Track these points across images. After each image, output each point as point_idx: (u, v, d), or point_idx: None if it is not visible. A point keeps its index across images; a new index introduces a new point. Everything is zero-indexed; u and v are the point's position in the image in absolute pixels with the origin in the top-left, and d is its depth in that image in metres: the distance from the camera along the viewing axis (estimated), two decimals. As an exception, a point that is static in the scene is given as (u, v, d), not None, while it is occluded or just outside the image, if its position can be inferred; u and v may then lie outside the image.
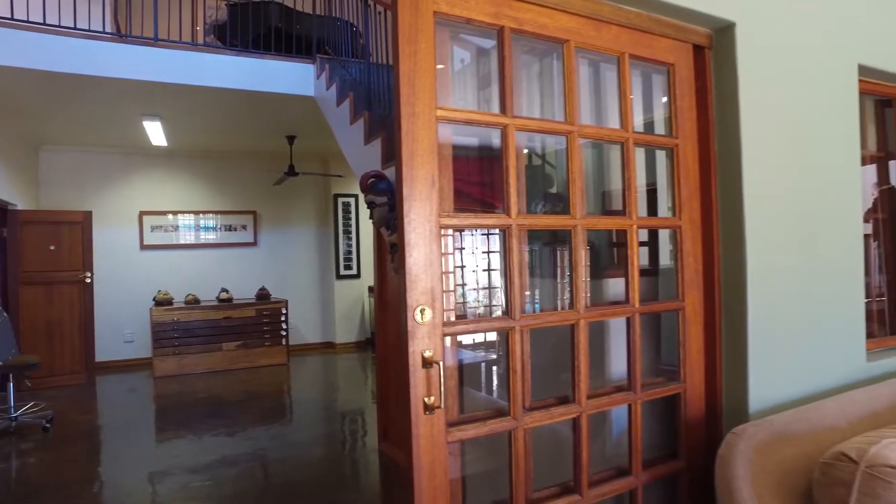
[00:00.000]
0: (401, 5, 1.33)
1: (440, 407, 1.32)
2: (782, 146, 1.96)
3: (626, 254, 1.72)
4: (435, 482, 1.34)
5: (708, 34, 1.90)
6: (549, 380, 1.87)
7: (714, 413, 1.89)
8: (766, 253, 1.89)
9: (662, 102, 1.95)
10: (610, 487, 1.69)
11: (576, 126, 1.57)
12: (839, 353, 2.14)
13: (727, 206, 1.86)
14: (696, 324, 1.85)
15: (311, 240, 8.32)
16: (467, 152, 2.12)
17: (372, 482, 3.52)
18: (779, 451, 1.63)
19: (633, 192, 1.69)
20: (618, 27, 1.69)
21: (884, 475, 1.35)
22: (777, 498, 1.57)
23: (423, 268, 1.35)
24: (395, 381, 3.71)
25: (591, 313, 1.61)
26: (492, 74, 1.82)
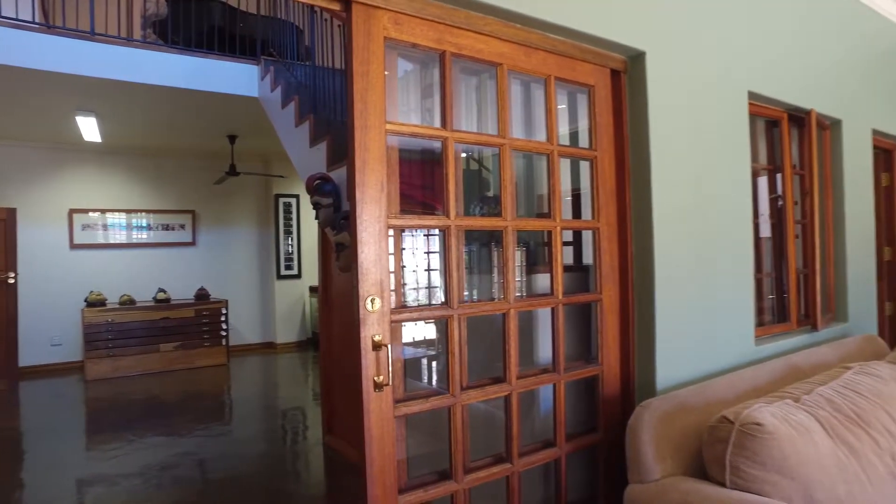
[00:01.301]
0: (355, 31, 1.50)
1: (388, 384, 1.51)
2: (685, 159, 2.25)
3: (551, 252, 1.96)
4: (384, 451, 1.53)
5: (623, 60, 2.17)
6: (486, 365, 2.08)
7: (628, 391, 2.16)
8: (672, 253, 2.18)
9: (585, 117, 2.21)
10: (537, 457, 1.93)
11: (507, 139, 1.80)
12: (732, 339, 2.47)
13: (639, 210, 2.14)
14: (613, 313, 2.11)
15: (251, 240, 8.27)
16: (411, 155, 2.31)
17: (316, 473, 3.64)
18: (678, 420, 1.90)
19: (558, 197, 1.93)
20: (545, 53, 1.93)
21: (751, 431, 1.65)
22: (675, 458, 1.84)
23: (373, 262, 1.53)
24: (340, 375, 3.85)
25: (520, 304, 1.83)
26: (434, 86, 2.02)
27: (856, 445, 1.89)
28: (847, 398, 2.08)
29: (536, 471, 2.02)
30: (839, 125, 3.34)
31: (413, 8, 1.62)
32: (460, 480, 1.71)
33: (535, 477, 2.07)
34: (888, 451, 1.94)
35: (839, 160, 3.34)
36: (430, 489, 1.67)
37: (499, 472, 1.81)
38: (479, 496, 1.85)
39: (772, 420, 1.72)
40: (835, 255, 3.35)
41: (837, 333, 3.23)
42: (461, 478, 1.71)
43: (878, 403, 2.10)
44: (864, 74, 3.59)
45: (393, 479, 1.56)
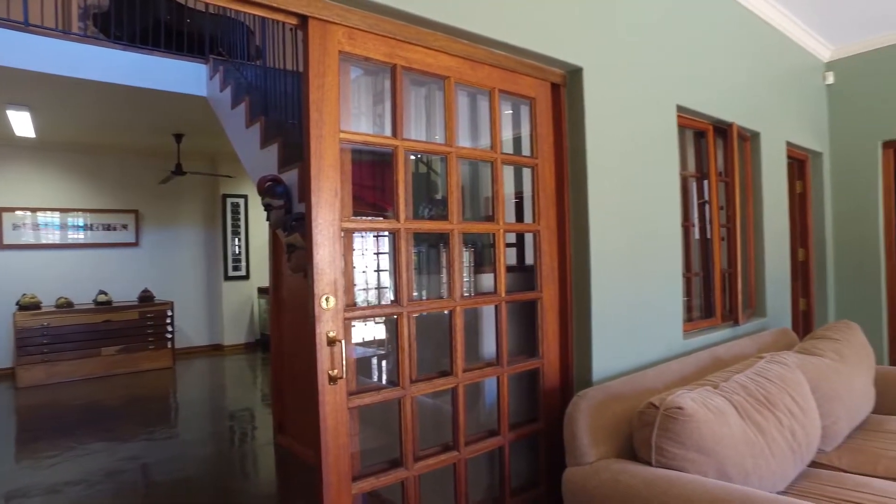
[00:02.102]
0: (311, 45, 1.59)
1: (342, 378, 1.60)
2: (619, 166, 2.44)
3: (495, 253, 2.10)
4: (339, 441, 1.62)
5: (562, 75, 2.33)
6: (435, 361, 2.20)
7: (567, 383, 2.32)
8: (607, 254, 2.36)
9: (528, 126, 2.36)
10: (483, 445, 2.06)
11: (454, 147, 1.92)
12: (663, 334, 2.68)
13: (576, 214, 2.30)
14: (552, 311, 2.27)
15: (198, 240, 8.11)
16: (362, 157, 2.41)
17: (267, 472, 3.67)
18: (611, 407, 2.07)
19: (501, 201, 2.08)
20: (490, 67, 2.07)
21: (673, 415, 1.83)
22: (608, 442, 2.01)
23: (328, 263, 1.63)
24: (292, 375, 3.89)
25: (465, 302, 1.97)
26: (386, 93, 2.12)
27: (763, 425, 2.11)
28: (758, 384, 2.31)
29: (482, 458, 2.15)
30: (758, 137, 3.64)
31: (366, 24, 1.72)
32: (410, 467, 1.83)
33: (481, 463, 2.20)
34: (788, 429, 2.18)
35: (758, 169, 3.64)
36: (382, 476, 1.77)
37: (446, 460, 1.94)
38: (428, 482, 1.97)
39: (692, 405, 1.91)
40: (755, 256, 3.64)
41: (757, 327, 3.52)
42: (411, 465, 1.83)
43: (784, 388, 2.34)
44: (778, 92, 3.92)
45: (347, 467, 1.65)
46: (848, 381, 2.78)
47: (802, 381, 2.49)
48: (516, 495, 2.20)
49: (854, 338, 3.14)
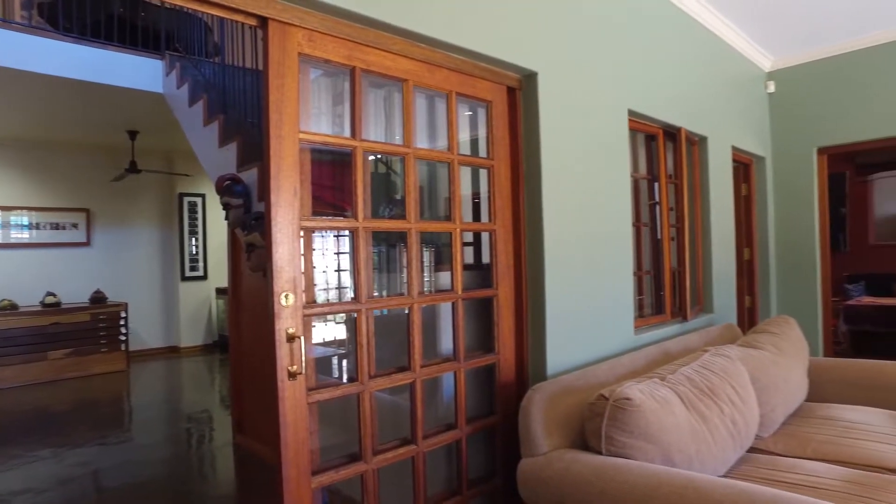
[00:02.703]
0: (271, 47, 1.62)
1: (302, 373, 1.63)
2: (573, 168, 2.54)
3: (452, 252, 2.16)
4: (298, 436, 1.65)
5: (518, 79, 2.41)
6: (395, 360, 2.24)
7: (522, 377, 2.40)
8: (561, 252, 2.44)
9: (485, 128, 2.43)
10: (440, 438, 2.12)
11: (412, 149, 1.97)
12: (614, 330, 2.79)
13: (531, 214, 2.39)
14: (508, 307, 2.35)
15: (153, 240, 7.92)
16: (322, 157, 2.43)
17: (226, 473, 3.64)
18: (564, 400, 2.16)
19: (458, 201, 2.14)
20: (448, 70, 2.12)
21: (622, 405, 1.92)
22: (561, 433, 2.09)
23: (287, 261, 1.65)
24: (251, 374, 3.87)
25: (423, 299, 2.02)
26: (345, 94, 2.16)
27: (706, 413, 2.23)
28: (702, 375, 2.44)
29: (440, 451, 2.21)
30: (705, 141, 3.81)
31: (326, 26, 1.76)
32: (369, 461, 1.87)
33: (439, 456, 2.25)
34: (729, 417, 2.31)
35: (706, 172, 3.81)
36: (342, 470, 1.81)
37: (405, 453, 1.99)
38: (387, 476, 2.01)
39: (639, 396, 2.01)
40: (702, 256, 3.81)
41: (704, 323, 3.69)
42: (370, 459, 1.87)
43: (726, 379, 2.48)
44: (724, 99, 4.11)
45: (306, 462, 1.68)
46: (785, 372, 2.96)
47: (743, 373, 2.63)
48: (474, 487, 2.27)
49: (791, 332, 3.33)
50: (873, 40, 4.38)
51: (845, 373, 3.30)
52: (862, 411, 2.92)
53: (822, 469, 2.28)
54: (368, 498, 1.90)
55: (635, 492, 1.73)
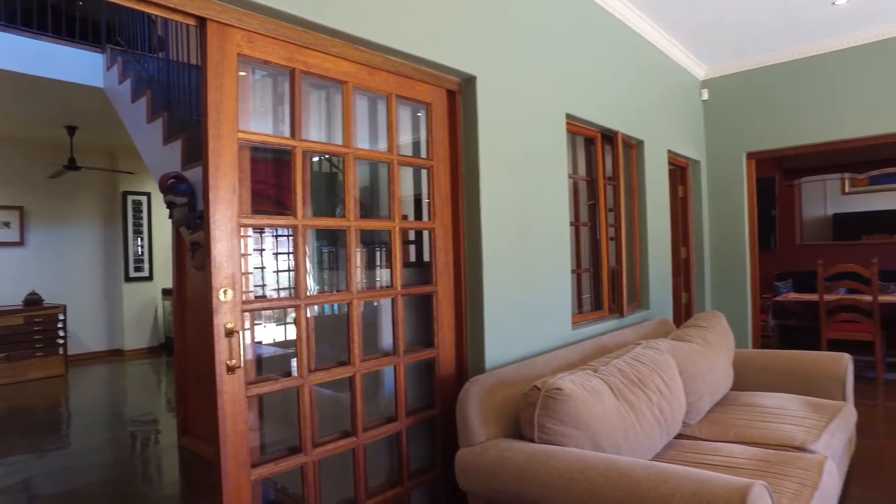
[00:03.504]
0: (209, 47, 1.65)
1: (240, 367, 1.67)
2: (511, 169, 2.64)
3: (392, 250, 2.23)
4: (237, 429, 1.68)
5: (458, 83, 2.50)
6: (340, 353, 2.29)
7: (462, 371, 2.49)
8: (499, 250, 2.54)
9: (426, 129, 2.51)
10: (381, 431, 2.18)
11: (351, 149, 2.03)
12: (552, 325, 2.91)
13: (470, 213, 2.48)
14: (447, 303, 2.43)
15: (95, 239, 7.65)
16: (267, 155, 2.46)
17: (171, 474, 3.59)
18: (500, 392, 2.25)
19: (397, 200, 2.21)
20: (387, 73, 2.19)
21: (553, 395, 2.03)
22: (497, 424, 2.18)
23: (226, 258, 1.69)
24: (197, 375, 3.83)
25: (362, 295, 2.08)
26: (286, 95, 2.19)
27: (634, 402, 2.37)
28: (633, 367, 2.58)
29: (381, 443, 2.27)
30: (642, 145, 4.00)
31: (265, 28, 1.79)
32: (309, 453, 1.91)
33: (380, 449, 2.32)
34: (657, 405, 2.46)
35: (642, 174, 4.00)
36: (281, 462, 1.85)
37: (345, 445, 2.04)
38: (329, 468, 2.06)
39: (570, 386, 2.12)
40: (640, 254, 4.00)
41: (640, 318, 3.87)
42: (310, 451, 1.92)
43: (655, 370, 2.63)
44: (661, 105, 4.32)
45: (245, 455, 1.72)
46: (711, 363, 3.15)
47: (672, 364, 2.80)
48: (414, 477, 2.34)
49: (719, 325, 3.54)
50: (797, 54, 4.68)
51: (766, 363, 3.53)
52: (779, 397, 3.14)
53: (739, 450, 2.45)
54: (309, 490, 1.94)
55: (563, 475, 1.83)
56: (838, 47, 4.52)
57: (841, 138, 4.54)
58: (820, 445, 2.50)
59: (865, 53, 4.43)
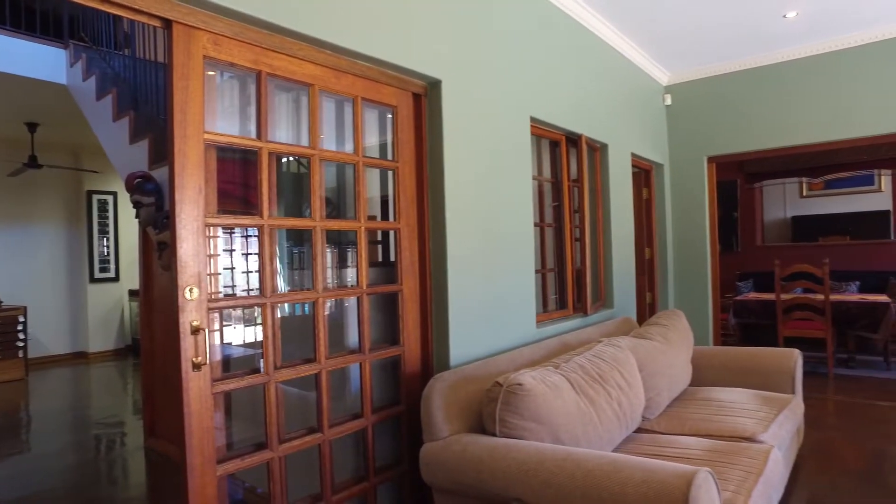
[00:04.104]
0: (175, 49, 1.67)
1: (206, 364, 1.70)
2: (475, 171, 2.71)
3: (358, 249, 2.27)
4: (203, 425, 1.71)
5: (424, 86, 2.55)
6: (305, 351, 2.32)
7: (427, 368, 2.54)
8: (464, 250, 2.61)
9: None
10: (346, 427, 2.22)
11: (318, 151, 2.07)
12: (516, 324, 2.98)
13: (435, 214, 2.53)
14: (413, 302, 2.48)
15: (59, 240, 7.48)
16: (235, 155, 2.47)
17: (138, 476, 3.56)
18: (464, 388, 2.31)
19: (363, 201, 2.25)
20: (353, 76, 2.23)
21: (514, 390, 2.10)
22: (461, 419, 2.25)
23: (192, 257, 1.71)
24: (164, 375, 3.80)
25: (327, 293, 2.12)
26: (253, 96, 2.22)
27: (594, 397, 2.46)
28: (594, 363, 2.67)
29: (348, 439, 2.31)
30: (606, 148, 4.11)
31: (232, 31, 1.82)
32: (275, 449, 1.95)
33: (347, 445, 2.36)
34: (616, 400, 2.55)
35: (606, 176, 4.11)
36: (247, 458, 1.88)
37: (311, 441, 2.08)
38: (295, 463, 2.09)
39: (531, 381, 2.20)
40: (604, 255, 4.11)
41: (604, 317, 3.98)
42: (276, 447, 1.95)
43: (615, 366, 2.72)
44: (625, 109, 4.45)
45: (211, 450, 1.74)
46: (670, 360, 3.26)
47: (631, 361, 2.90)
48: (380, 473, 2.39)
49: (679, 323, 3.67)
50: (754, 62, 4.87)
51: (724, 359, 3.67)
52: (734, 392, 3.28)
53: (693, 442, 2.56)
54: (275, 486, 1.97)
55: (523, 467, 1.90)
56: (790, 57, 4.71)
57: (793, 144, 4.74)
58: (768, 436, 2.62)
59: (814, 64, 4.63)
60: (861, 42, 4.43)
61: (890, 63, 4.33)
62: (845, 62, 4.51)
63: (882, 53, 4.37)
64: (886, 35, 4.32)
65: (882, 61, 4.37)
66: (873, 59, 4.40)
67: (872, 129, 4.41)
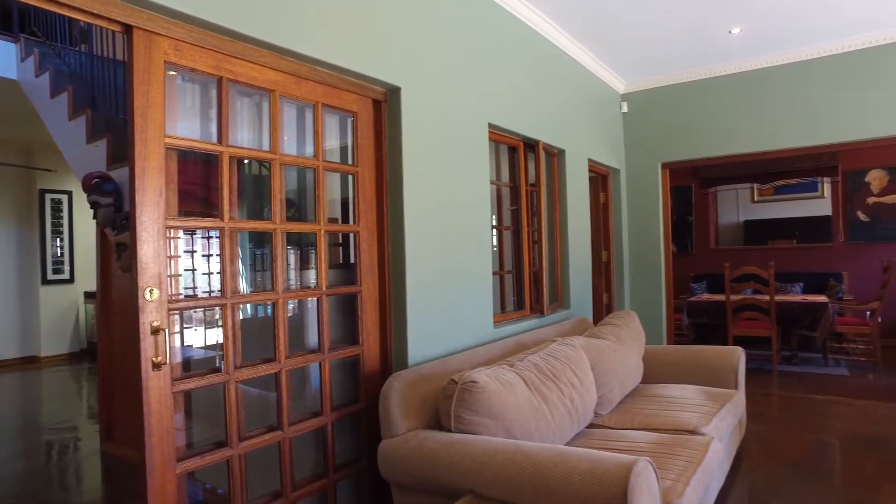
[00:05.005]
0: (135, 54, 1.70)
1: (166, 363, 1.73)
2: (434, 175, 2.79)
3: (318, 251, 2.33)
4: (163, 424, 1.74)
5: (383, 92, 2.62)
6: (267, 353, 2.36)
7: (385, 367, 2.61)
8: (422, 252, 2.68)
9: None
10: (306, 425, 2.27)
11: (278, 155, 2.12)
12: (474, 324, 3.08)
13: (394, 217, 2.61)
14: (372, 303, 2.55)
15: (8, 240, 7.25)
16: (197, 157, 2.49)
17: (93, 481, 3.52)
18: (421, 386, 2.39)
19: (323, 204, 2.31)
20: (314, 83, 2.29)
21: (469, 387, 2.19)
22: (418, 416, 2.32)
23: (152, 258, 1.74)
24: (123, 378, 3.76)
25: (287, 294, 2.17)
26: (214, 100, 2.25)
27: (547, 394, 2.57)
28: (547, 361, 2.78)
29: (308, 437, 2.36)
30: (563, 153, 4.25)
31: (193, 37, 1.86)
32: (235, 447, 1.98)
33: (307, 443, 2.40)
34: (568, 396, 2.67)
35: (563, 181, 4.25)
36: (207, 456, 1.91)
37: (271, 439, 2.12)
38: (255, 461, 2.13)
39: (485, 379, 2.28)
40: (560, 257, 4.25)
41: (561, 317, 4.12)
42: (236, 444, 1.99)
43: (568, 364, 2.84)
44: (583, 116, 4.60)
45: (171, 449, 1.77)
46: (622, 359, 3.41)
47: (584, 359, 3.02)
48: (340, 470, 2.44)
49: (631, 323, 3.83)
50: (704, 73, 5.09)
51: (674, 357, 3.84)
52: (682, 388, 3.44)
53: (641, 436, 2.70)
54: (235, 483, 2.01)
55: (476, 460, 1.99)
56: (738, 70, 4.96)
57: (741, 152, 4.98)
58: (710, 428, 2.78)
59: (759, 77, 4.89)
60: (798, 59, 4.70)
61: (823, 79, 4.61)
62: (785, 77, 4.77)
63: (816, 70, 4.64)
64: (821, 53, 4.60)
65: (816, 77, 4.64)
66: (809, 75, 4.67)
67: (809, 139, 4.68)
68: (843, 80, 4.55)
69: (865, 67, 4.47)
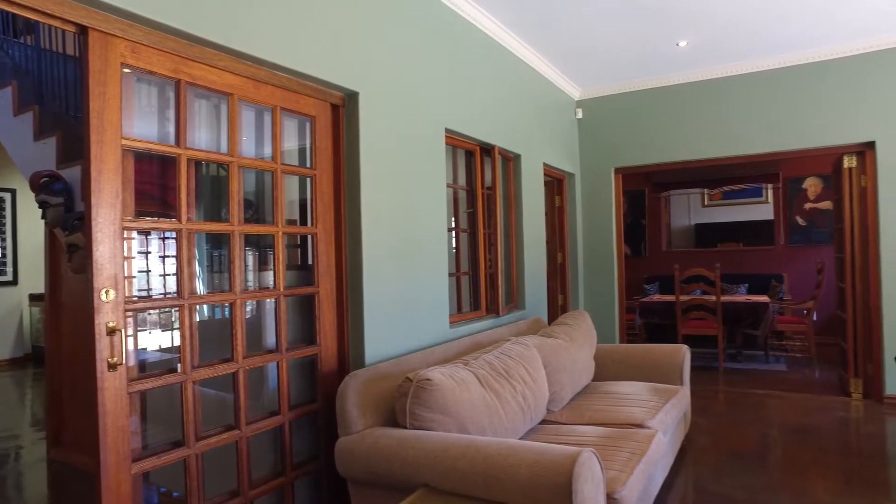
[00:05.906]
0: (91, 56, 1.71)
1: (122, 364, 1.74)
2: (391, 178, 2.85)
3: (276, 253, 2.36)
4: (118, 424, 1.75)
5: (342, 97, 2.67)
6: (225, 354, 2.37)
7: (343, 367, 2.66)
8: (379, 254, 2.74)
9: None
10: (264, 423, 2.30)
11: (236, 158, 2.15)
12: (431, 324, 3.15)
13: (351, 219, 2.66)
14: (329, 303, 2.59)
15: (-52, 240, 6.94)
16: (154, 156, 2.48)
17: (38, 489, 3.42)
18: (377, 385, 2.44)
19: (281, 206, 2.35)
20: (273, 87, 2.32)
21: (423, 385, 2.26)
22: (374, 414, 2.37)
23: (108, 259, 1.75)
24: (72, 382, 3.68)
25: (245, 295, 2.20)
26: (172, 102, 2.25)
27: (500, 391, 2.66)
28: (501, 360, 2.88)
29: (265, 436, 2.38)
30: (519, 158, 4.37)
31: (150, 40, 1.87)
32: (192, 446, 2.00)
33: (264, 441, 2.43)
34: (521, 393, 2.77)
35: (519, 185, 4.37)
36: (164, 455, 1.92)
37: (228, 438, 2.14)
38: (213, 460, 2.15)
39: (439, 377, 2.36)
40: (516, 259, 4.36)
41: (516, 318, 4.23)
42: (193, 444, 2.00)
43: (521, 362, 2.95)
44: (538, 121, 4.73)
45: (126, 449, 1.78)
46: (574, 357, 3.54)
47: (536, 357, 3.13)
48: (298, 468, 2.47)
49: (583, 323, 3.97)
50: (655, 83, 5.31)
51: (624, 356, 4.01)
52: (631, 385, 3.60)
53: (590, 430, 2.82)
54: (192, 482, 2.02)
55: (430, 455, 2.06)
56: (686, 80, 5.19)
57: (689, 159, 5.21)
58: (654, 422, 2.93)
59: (705, 88, 5.13)
60: (741, 72, 4.96)
61: (764, 91, 4.88)
62: (730, 87, 5.02)
63: (758, 83, 4.91)
64: (762, 67, 4.87)
65: (758, 89, 4.90)
66: (752, 87, 4.93)
67: (751, 147, 4.94)
68: (782, 92, 4.83)
69: (802, 82, 4.75)
